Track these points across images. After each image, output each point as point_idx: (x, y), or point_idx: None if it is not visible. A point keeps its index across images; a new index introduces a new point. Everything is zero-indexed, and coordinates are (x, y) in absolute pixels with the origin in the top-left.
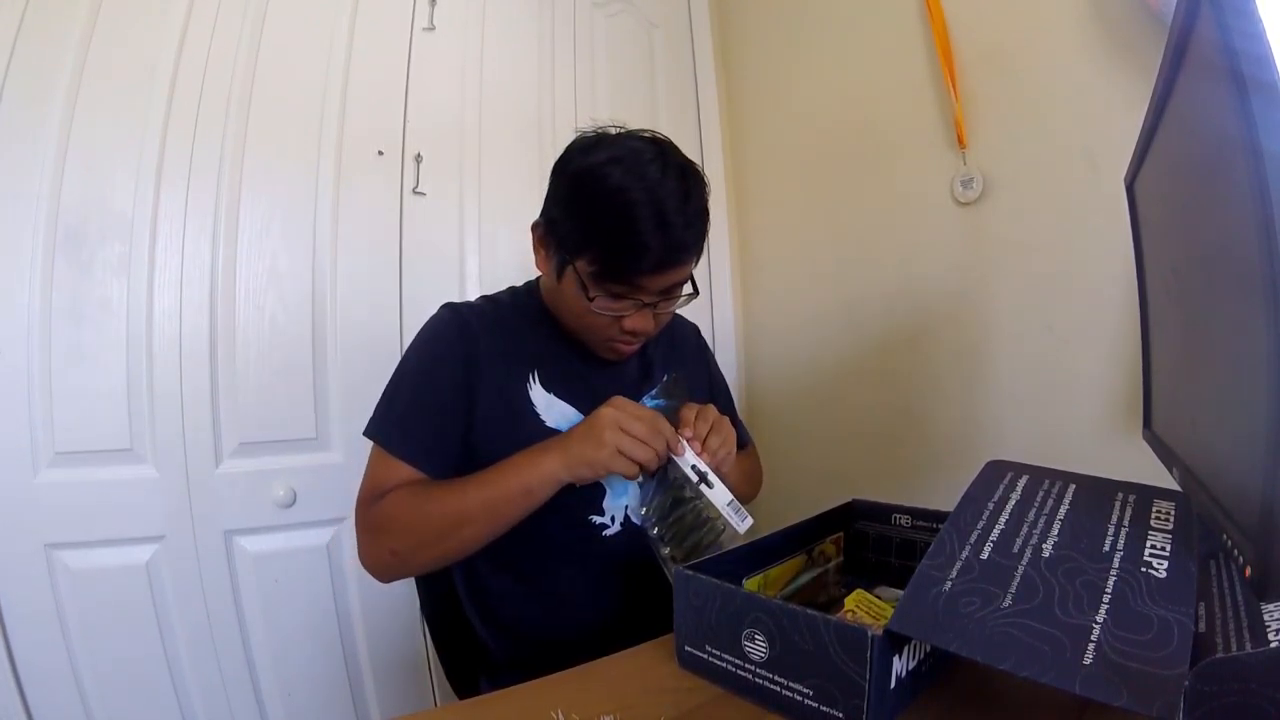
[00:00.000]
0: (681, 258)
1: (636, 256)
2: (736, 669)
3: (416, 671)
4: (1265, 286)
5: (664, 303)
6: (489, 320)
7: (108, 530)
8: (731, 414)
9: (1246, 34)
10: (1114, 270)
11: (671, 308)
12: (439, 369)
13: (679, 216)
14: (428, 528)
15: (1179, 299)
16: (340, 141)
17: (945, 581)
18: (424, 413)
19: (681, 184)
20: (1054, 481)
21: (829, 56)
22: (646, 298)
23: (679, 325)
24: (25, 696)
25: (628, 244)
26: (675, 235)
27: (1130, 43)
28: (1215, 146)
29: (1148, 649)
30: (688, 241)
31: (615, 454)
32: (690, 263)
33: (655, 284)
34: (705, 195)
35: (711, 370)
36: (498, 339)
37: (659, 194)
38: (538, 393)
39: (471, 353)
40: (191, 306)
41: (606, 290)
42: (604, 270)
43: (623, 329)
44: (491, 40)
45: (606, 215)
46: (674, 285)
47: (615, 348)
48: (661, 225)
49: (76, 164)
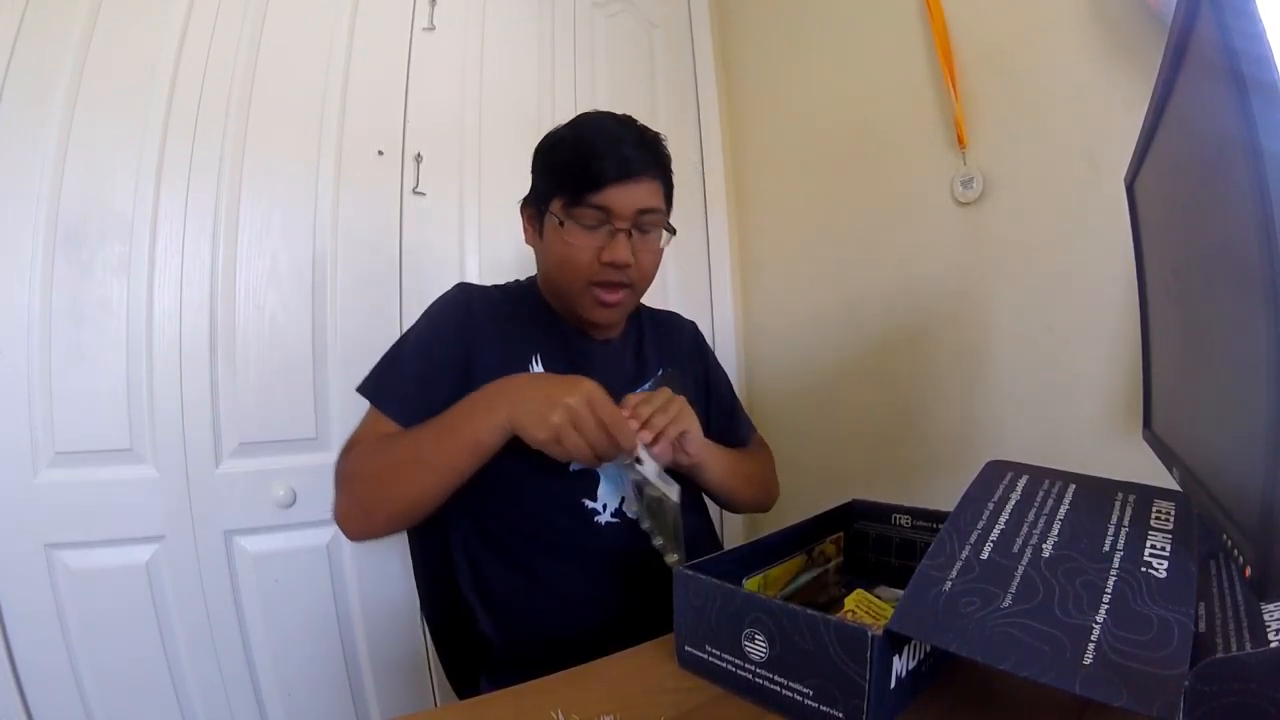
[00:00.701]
0: (636, 170)
1: (593, 172)
2: (736, 669)
3: (416, 671)
4: (1265, 286)
5: (637, 234)
6: (495, 306)
7: (108, 530)
8: (733, 410)
9: (1246, 34)
10: (1114, 270)
11: (648, 242)
12: (439, 340)
13: (629, 134)
14: (386, 473)
15: (1179, 299)
16: (340, 141)
17: (945, 581)
18: (417, 379)
19: (632, 123)
20: (1054, 481)
21: (829, 56)
22: (618, 222)
23: (675, 324)
24: (25, 696)
25: (584, 164)
26: (626, 149)
27: (1130, 43)
28: (1215, 146)
29: (1148, 649)
30: (642, 157)
31: (554, 440)
32: (649, 181)
33: (619, 200)
34: (660, 137)
35: (709, 366)
36: (501, 323)
37: (607, 124)
38: None
39: (473, 330)
40: (191, 307)
41: (578, 220)
42: (570, 197)
43: (601, 262)
44: (491, 40)
45: (563, 150)
46: (644, 210)
47: (600, 295)
48: (612, 141)
49: (76, 164)
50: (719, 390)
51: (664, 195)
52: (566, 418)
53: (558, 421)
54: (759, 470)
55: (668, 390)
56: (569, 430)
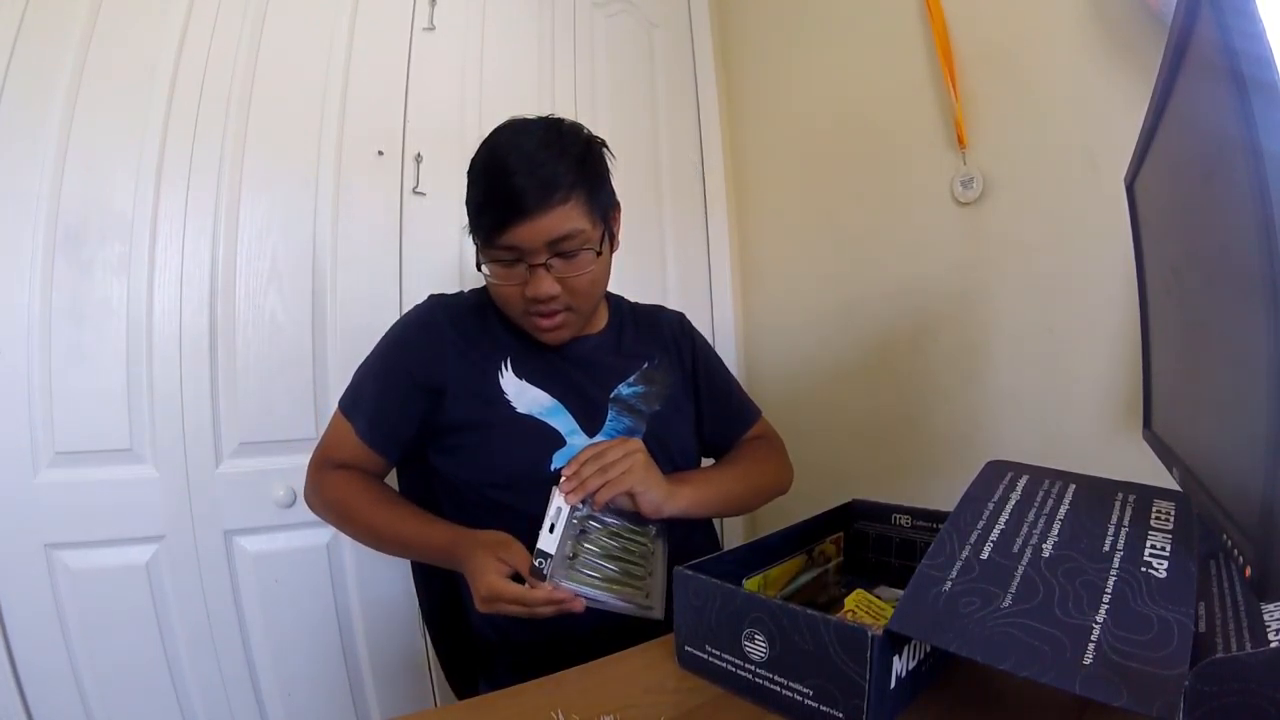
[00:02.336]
0: (533, 204)
1: (485, 211)
2: (736, 669)
3: (416, 671)
4: (1265, 286)
5: (559, 261)
6: (465, 316)
7: (108, 530)
8: (730, 395)
9: (1246, 34)
10: (1114, 270)
11: (575, 266)
12: (396, 362)
13: (525, 158)
14: (358, 529)
15: (1179, 299)
16: (340, 141)
17: (945, 581)
18: (380, 395)
19: (537, 135)
20: (1054, 481)
21: (829, 56)
22: (532, 258)
23: (658, 316)
24: (25, 696)
25: (478, 202)
26: (519, 180)
27: (1130, 43)
28: (1215, 146)
29: (1148, 649)
30: (542, 183)
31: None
32: (557, 207)
33: (525, 238)
34: (573, 140)
35: (697, 353)
36: (471, 332)
37: (502, 151)
38: (509, 380)
39: (437, 347)
40: (191, 306)
41: (495, 259)
42: (481, 238)
43: (526, 296)
44: (491, 40)
45: (470, 186)
46: (556, 240)
47: (536, 323)
48: (503, 176)
49: (76, 164)
50: (711, 377)
51: (587, 210)
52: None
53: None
54: (758, 471)
55: (632, 444)
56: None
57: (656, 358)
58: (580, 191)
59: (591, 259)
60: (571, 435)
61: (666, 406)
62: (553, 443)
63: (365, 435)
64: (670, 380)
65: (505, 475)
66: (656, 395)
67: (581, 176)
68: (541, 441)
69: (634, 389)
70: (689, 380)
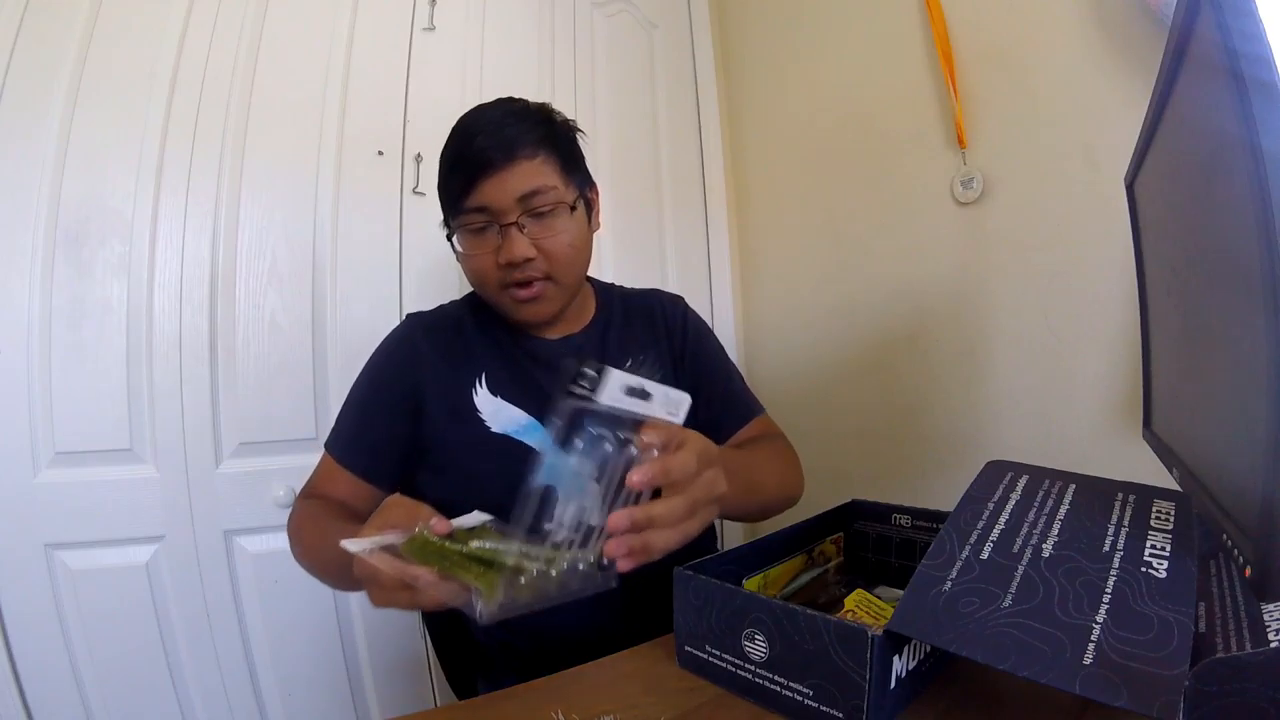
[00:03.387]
0: (500, 156)
1: (459, 174)
2: (736, 669)
3: (416, 671)
4: (1265, 286)
5: (532, 222)
6: (441, 333)
7: (108, 530)
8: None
9: (1246, 34)
10: (1114, 270)
11: (549, 227)
12: (376, 387)
13: (492, 119)
14: (303, 555)
15: (1179, 299)
16: (340, 141)
17: (945, 581)
18: (360, 419)
19: (501, 105)
20: (1054, 481)
21: (829, 56)
22: (501, 218)
23: (651, 305)
24: (25, 696)
25: (449, 168)
26: (484, 139)
27: (1130, 43)
28: (1215, 146)
29: (1148, 649)
30: (508, 138)
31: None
32: (526, 161)
33: (493, 194)
34: (538, 110)
35: (687, 338)
36: (445, 348)
37: (470, 118)
38: (483, 398)
39: (416, 369)
40: (191, 306)
41: (465, 228)
42: (452, 207)
43: (500, 264)
44: (491, 40)
45: (439, 171)
46: (527, 195)
47: (514, 294)
48: (468, 136)
49: (76, 164)
50: (703, 360)
51: (559, 169)
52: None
53: (379, 605)
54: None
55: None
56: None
57: (644, 354)
58: (548, 150)
59: (567, 218)
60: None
61: None
62: (529, 463)
63: (344, 460)
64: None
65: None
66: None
67: (548, 136)
68: (516, 463)
69: None
70: (676, 368)
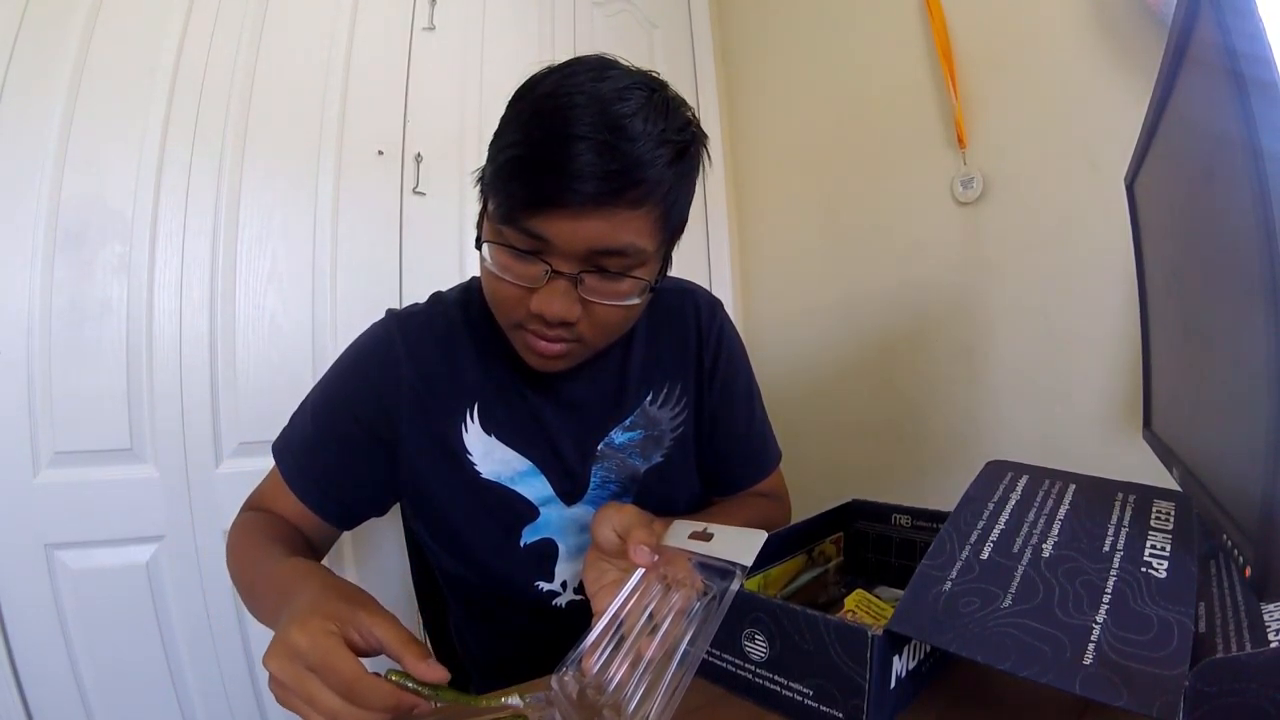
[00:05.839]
0: (597, 196)
1: (521, 177)
2: (736, 669)
3: None
4: (1265, 287)
5: (594, 279)
6: (430, 339)
7: (108, 530)
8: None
9: (1246, 34)
10: (1114, 270)
11: (608, 295)
12: (346, 394)
13: (606, 122)
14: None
15: (1179, 299)
16: (340, 141)
17: (945, 581)
18: (316, 436)
19: (633, 99)
20: (1054, 481)
21: (829, 56)
22: (557, 261)
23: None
24: (25, 696)
25: (514, 158)
26: (587, 158)
27: (1130, 43)
28: (1215, 146)
29: (1148, 649)
30: (608, 169)
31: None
32: (624, 211)
33: (562, 233)
34: (678, 124)
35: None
36: (432, 366)
37: (581, 106)
38: (474, 435)
39: (391, 390)
40: (191, 307)
41: (507, 240)
42: (499, 207)
43: (531, 309)
44: (491, 40)
45: (507, 128)
46: (602, 252)
47: (529, 342)
48: (568, 140)
49: (76, 163)
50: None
51: (658, 226)
52: (283, 672)
53: (273, 670)
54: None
55: None
56: (282, 690)
57: (668, 384)
58: (658, 199)
59: (636, 291)
60: (546, 505)
61: (672, 451)
62: (523, 516)
63: (292, 483)
64: (680, 416)
65: (466, 555)
66: (657, 441)
67: (671, 180)
68: (508, 515)
69: (629, 435)
70: (700, 392)
